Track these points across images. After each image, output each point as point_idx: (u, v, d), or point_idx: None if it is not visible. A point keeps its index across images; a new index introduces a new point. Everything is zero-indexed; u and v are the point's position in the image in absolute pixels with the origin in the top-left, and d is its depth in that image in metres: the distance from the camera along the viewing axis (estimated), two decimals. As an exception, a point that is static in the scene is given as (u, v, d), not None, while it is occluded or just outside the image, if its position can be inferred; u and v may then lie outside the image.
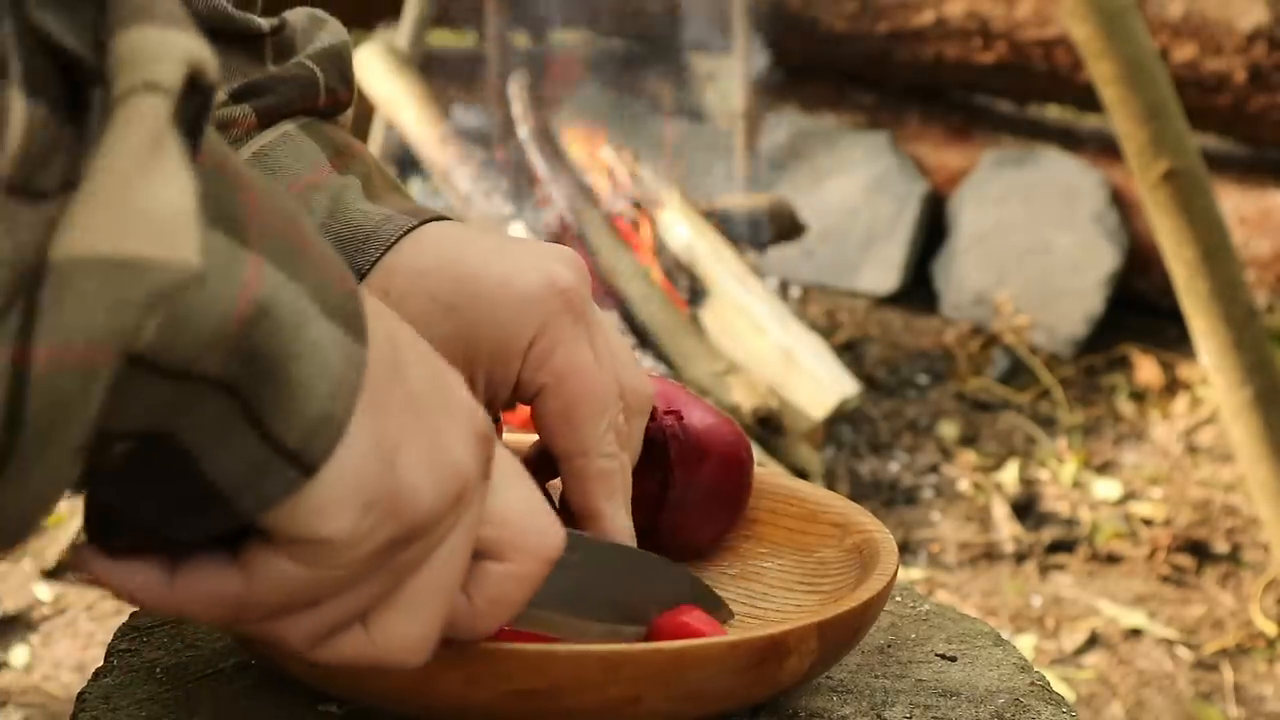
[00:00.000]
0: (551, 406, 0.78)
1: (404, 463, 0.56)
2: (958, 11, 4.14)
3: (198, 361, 0.49)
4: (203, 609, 0.56)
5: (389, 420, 0.56)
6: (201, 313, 0.48)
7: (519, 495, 0.63)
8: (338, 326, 0.53)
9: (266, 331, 0.51)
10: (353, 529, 0.54)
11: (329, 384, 0.53)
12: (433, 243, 0.79)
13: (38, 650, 2.67)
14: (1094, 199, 4.09)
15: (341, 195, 0.80)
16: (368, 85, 3.69)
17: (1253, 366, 2.58)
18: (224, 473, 0.52)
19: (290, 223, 0.54)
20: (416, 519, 0.57)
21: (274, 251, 0.51)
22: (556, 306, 0.77)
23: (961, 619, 0.86)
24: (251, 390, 0.51)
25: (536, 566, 0.63)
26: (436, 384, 0.59)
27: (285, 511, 0.53)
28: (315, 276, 0.53)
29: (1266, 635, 2.88)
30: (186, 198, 0.47)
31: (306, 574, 0.55)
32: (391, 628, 0.59)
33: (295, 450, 0.52)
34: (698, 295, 3.29)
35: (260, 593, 0.56)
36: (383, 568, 0.57)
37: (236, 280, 0.49)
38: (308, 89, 0.84)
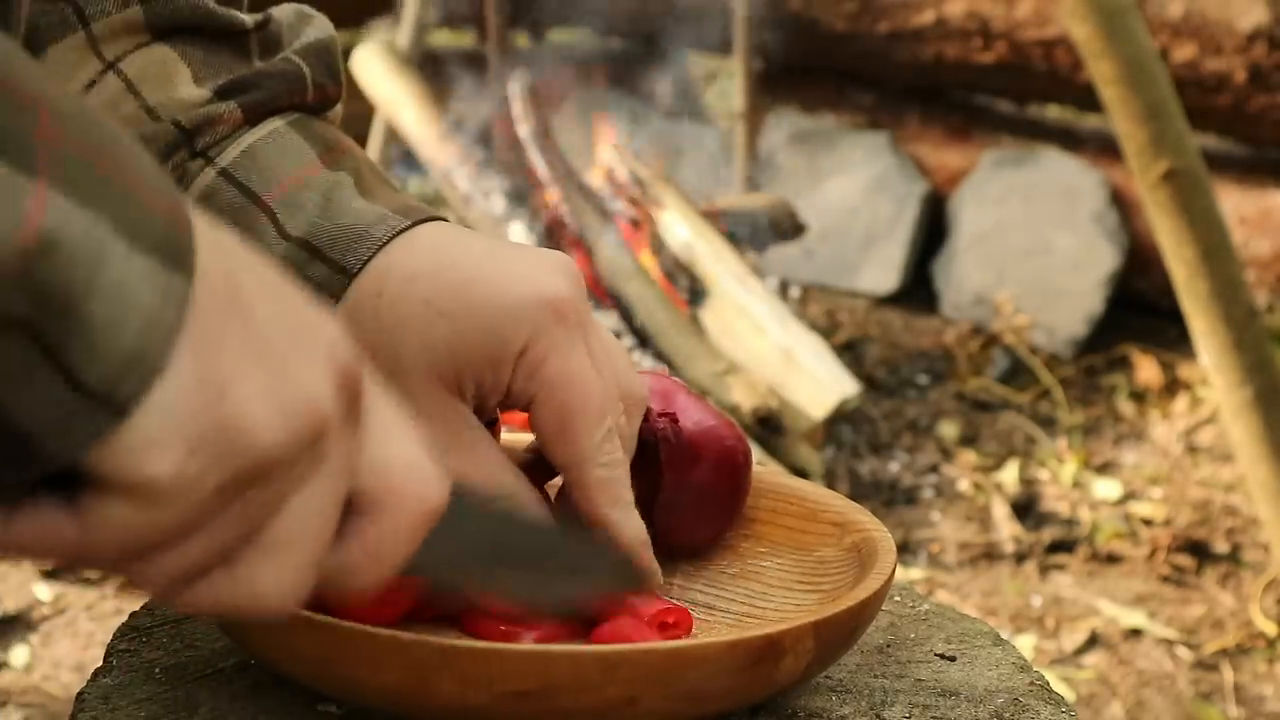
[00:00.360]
0: (544, 416, 0.77)
1: (240, 398, 0.53)
2: (958, 11, 4.14)
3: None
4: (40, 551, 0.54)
5: (222, 355, 0.53)
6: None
7: (397, 444, 0.61)
8: (152, 259, 0.50)
9: (57, 265, 0.48)
10: (179, 468, 0.52)
11: (137, 320, 0.50)
12: (427, 245, 0.79)
13: (37, 650, 2.67)
14: (1094, 199, 4.09)
15: (334, 192, 0.80)
16: (368, 85, 3.69)
17: (1253, 366, 2.58)
18: (30, 416, 0.49)
19: (98, 149, 0.51)
20: (259, 456, 0.54)
21: (70, 180, 0.49)
22: (548, 316, 0.76)
23: (961, 619, 0.86)
24: (49, 329, 0.48)
25: (415, 517, 0.60)
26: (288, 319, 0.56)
27: (104, 454, 0.51)
28: (125, 206, 0.50)
29: (1266, 635, 2.88)
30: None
31: (142, 517, 0.53)
32: (255, 573, 0.56)
33: (103, 391, 0.50)
34: (698, 295, 3.29)
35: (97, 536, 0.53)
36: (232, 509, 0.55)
37: (16, 209, 0.47)
38: (295, 84, 0.84)
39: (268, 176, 0.80)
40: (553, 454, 0.79)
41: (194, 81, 0.81)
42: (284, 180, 0.80)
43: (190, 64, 0.82)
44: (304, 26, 0.87)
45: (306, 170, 0.81)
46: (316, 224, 0.79)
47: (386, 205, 0.80)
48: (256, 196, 0.80)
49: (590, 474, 0.78)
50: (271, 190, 0.80)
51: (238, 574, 0.56)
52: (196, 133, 0.81)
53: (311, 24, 0.87)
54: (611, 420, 0.78)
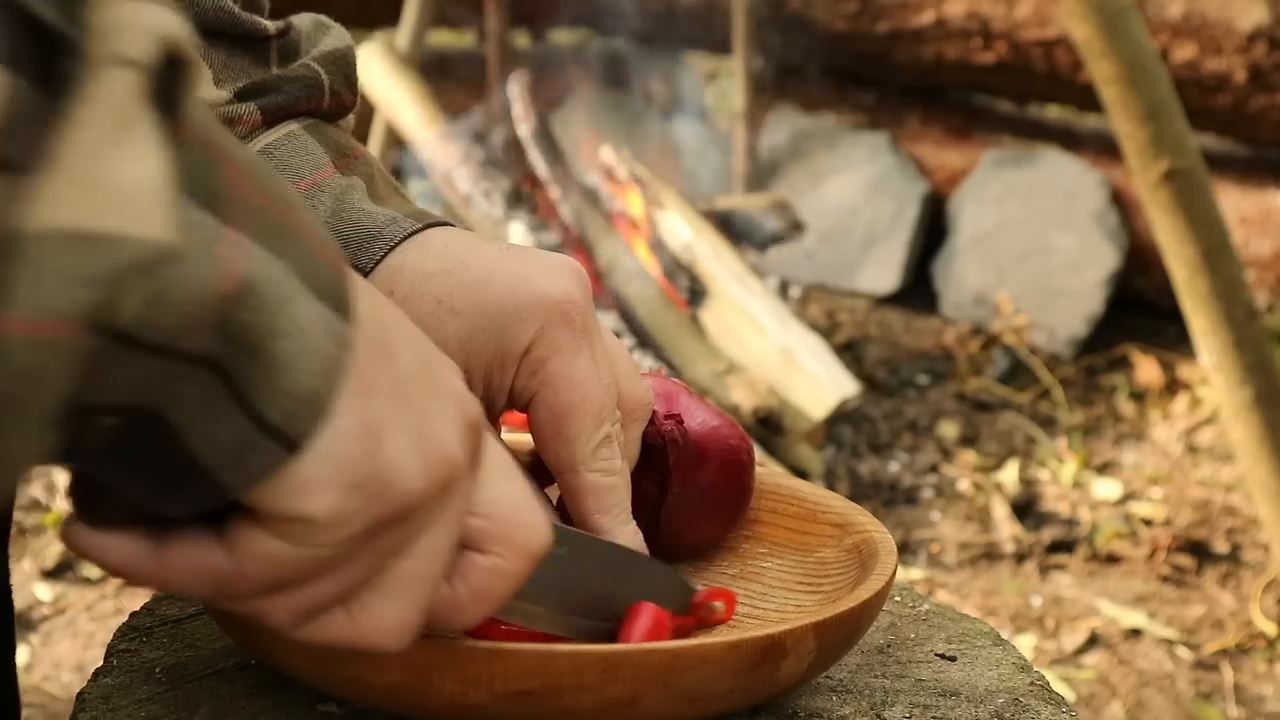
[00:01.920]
0: (542, 416, 0.78)
1: (391, 444, 0.56)
2: (958, 11, 4.14)
3: (181, 337, 0.49)
4: (188, 583, 0.57)
5: (376, 401, 0.56)
6: (183, 288, 0.48)
7: (509, 488, 0.63)
8: (324, 305, 0.53)
9: (250, 308, 0.51)
10: (337, 508, 0.55)
11: (314, 361, 0.53)
12: (438, 247, 0.80)
13: (38, 650, 2.67)
14: (1094, 199, 4.09)
15: (345, 195, 0.81)
16: (368, 85, 3.69)
17: (1253, 366, 2.58)
18: (208, 449, 0.52)
19: (278, 201, 0.54)
20: (402, 502, 0.57)
21: (259, 228, 0.51)
22: (555, 317, 0.77)
23: (961, 619, 0.86)
24: (236, 367, 0.51)
25: (522, 561, 0.63)
26: (426, 368, 0.59)
27: (270, 489, 0.54)
28: (302, 254, 0.53)
29: (1266, 635, 2.88)
30: (156, 174, 0.47)
31: (291, 552, 0.55)
32: (373, 610, 0.59)
33: (279, 427, 0.52)
34: (698, 295, 3.29)
35: (245, 569, 0.56)
36: (367, 550, 0.57)
37: (217, 256, 0.50)
38: (313, 90, 0.84)
39: (283, 177, 0.81)
40: (547, 455, 0.79)
41: (214, 83, 0.82)
42: (299, 182, 0.81)
43: (211, 65, 0.83)
44: (321, 35, 0.87)
45: (321, 174, 0.81)
46: (329, 225, 0.80)
47: (398, 210, 0.81)
48: None
49: (584, 478, 0.78)
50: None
51: (355, 611, 0.59)
52: None
53: (329, 33, 0.88)
54: (609, 427, 0.78)
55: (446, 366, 0.61)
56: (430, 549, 0.59)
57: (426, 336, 0.62)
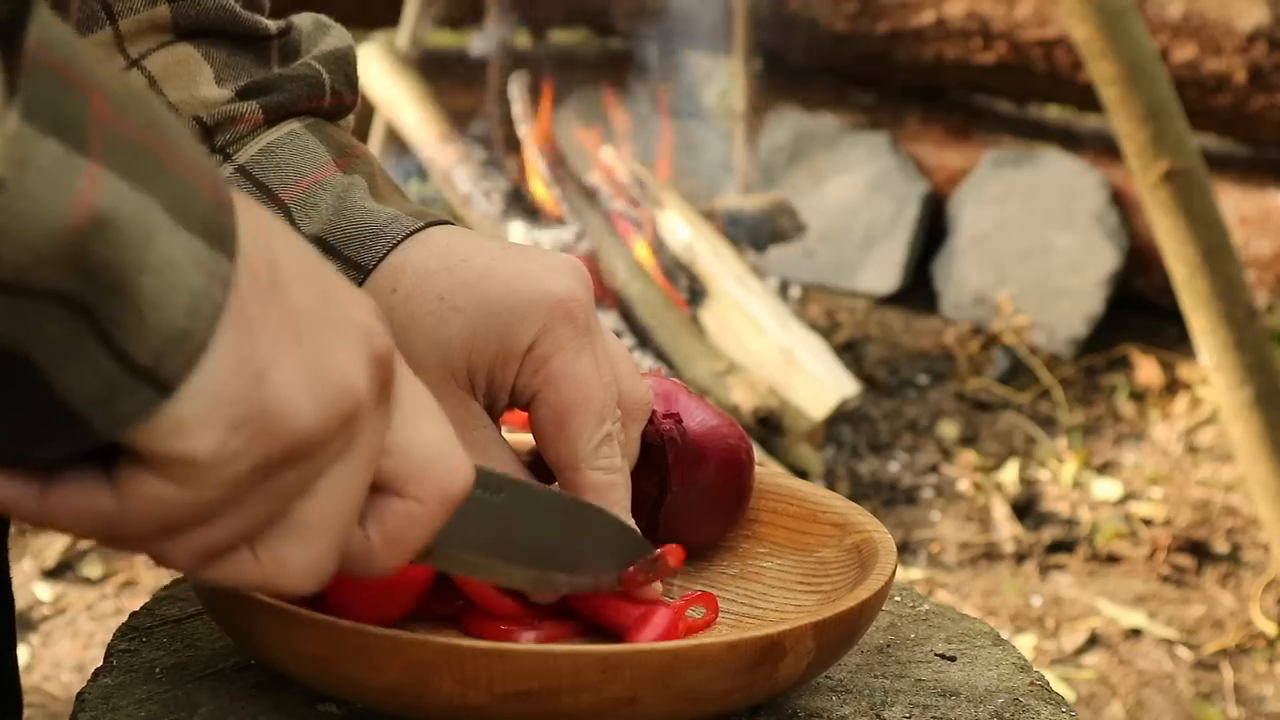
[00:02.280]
0: (543, 414, 0.78)
1: (278, 379, 0.54)
2: (958, 11, 4.14)
3: (30, 273, 0.47)
4: (75, 525, 0.55)
5: (260, 335, 0.53)
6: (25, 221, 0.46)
7: (426, 428, 0.61)
8: (199, 239, 0.51)
9: (108, 242, 0.49)
10: (219, 447, 0.53)
11: (184, 298, 0.51)
12: (440, 245, 0.80)
13: (38, 650, 2.67)
14: (1094, 199, 4.09)
15: (347, 193, 0.81)
16: (368, 85, 3.69)
17: (1253, 366, 2.58)
18: (76, 391, 0.50)
19: (149, 130, 0.51)
20: (295, 438, 0.55)
21: (121, 160, 0.49)
22: (558, 315, 0.77)
23: (961, 619, 0.86)
24: (98, 305, 0.49)
25: (439, 505, 0.61)
26: (324, 302, 0.57)
27: (146, 430, 0.52)
28: (174, 186, 0.51)
29: (1266, 635, 2.88)
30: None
31: (179, 493, 0.54)
32: (280, 553, 0.57)
33: (148, 368, 0.51)
34: (698, 295, 3.29)
35: (132, 511, 0.54)
36: (264, 488, 0.55)
37: (69, 188, 0.47)
38: (314, 89, 0.84)
39: (285, 175, 0.81)
40: (548, 453, 0.79)
41: (216, 82, 0.83)
42: (300, 180, 0.81)
43: (213, 64, 0.83)
44: (322, 35, 0.88)
45: (322, 172, 0.82)
46: (331, 222, 0.80)
47: (399, 208, 0.81)
48: (273, 194, 0.81)
49: (585, 476, 0.78)
50: (288, 188, 0.81)
51: (263, 552, 0.57)
52: (216, 129, 0.82)
53: (330, 33, 0.88)
54: (610, 426, 0.78)
55: (353, 300, 0.59)
56: (336, 489, 0.57)
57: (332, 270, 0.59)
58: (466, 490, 0.62)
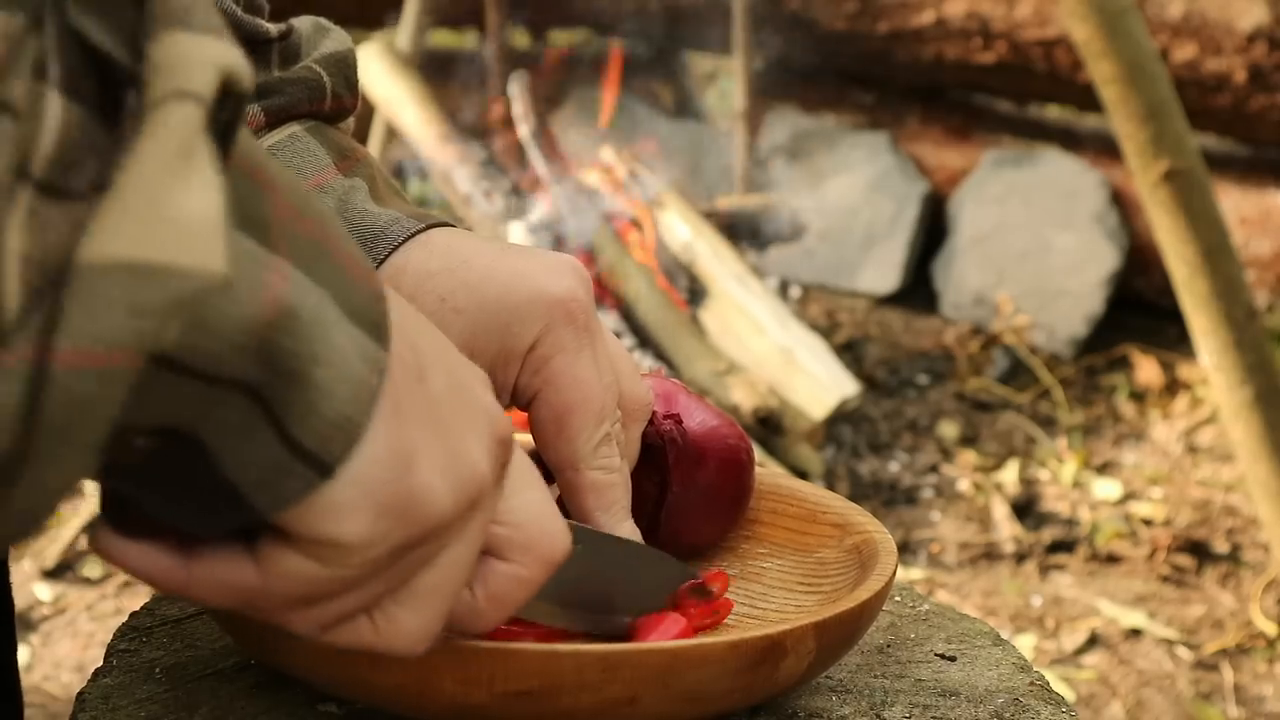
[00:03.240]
0: (544, 414, 0.78)
1: (421, 468, 0.56)
2: (958, 11, 4.14)
3: (222, 363, 0.49)
4: (216, 597, 0.57)
5: (408, 424, 0.56)
6: (227, 316, 0.49)
7: (531, 497, 0.64)
8: (360, 330, 0.54)
9: (290, 334, 0.51)
10: (367, 532, 0.55)
11: (349, 387, 0.53)
12: (441, 246, 0.80)
13: (38, 650, 2.67)
14: (1094, 199, 4.09)
15: (348, 197, 0.81)
16: (368, 85, 3.69)
17: (1253, 366, 2.58)
18: (242, 472, 0.52)
19: (318, 225, 0.54)
20: (431, 523, 0.57)
21: (299, 255, 0.52)
22: (559, 315, 0.77)
23: (961, 619, 0.86)
24: (273, 392, 0.51)
25: (541, 569, 0.64)
26: (457, 388, 0.60)
27: (301, 512, 0.54)
28: (340, 280, 0.54)
29: (1266, 635, 2.88)
30: (214, 206, 0.47)
31: (320, 572, 0.56)
32: (397, 619, 0.60)
33: (313, 452, 0.53)
34: (698, 295, 3.29)
35: (274, 586, 0.56)
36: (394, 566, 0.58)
37: (261, 283, 0.50)
38: (315, 92, 0.84)
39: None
40: (548, 453, 0.79)
41: None
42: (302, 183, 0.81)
43: None
44: (322, 38, 0.88)
45: (323, 175, 0.82)
46: None
47: (399, 211, 0.81)
48: None
49: (584, 476, 0.78)
50: None
51: (380, 618, 0.60)
52: None
53: (330, 36, 0.88)
54: (609, 426, 0.78)
55: (478, 382, 0.62)
56: (455, 562, 0.60)
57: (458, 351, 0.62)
58: (566, 555, 0.65)
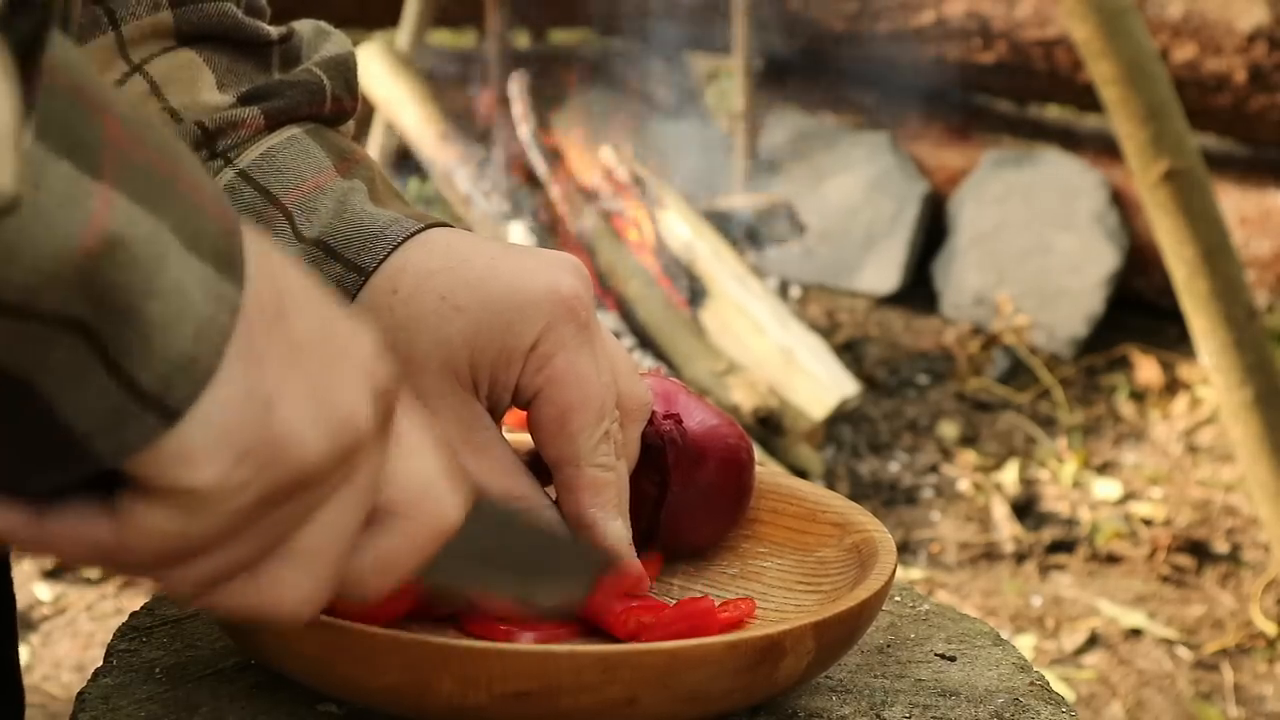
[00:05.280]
0: (546, 412, 0.78)
1: (285, 411, 0.53)
2: (958, 11, 4.14)
3: (38, 296, 0.46)
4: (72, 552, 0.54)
5: (268, 366, 0.53)
6: (36, 243, 0.46)
7: (421, 461, 0.61)
8: (208, 265, 0.51)
9: (119, 266, 0.48)
10: (224, 478, 0.52)
11: (192, 324, 0.50)
12: (441, 246, 0.80)
13: (38, 650, 2.67)
14: (1094, 199, 4.09)
15: (347, 198, 0.81)
16: (368, 85, 3.69)
17: (1253, 366, 2.58)
18: (80, 418, 0.49)
19: (162, 155, 0.51)
20: (300, 470, 0.54)
21: (134, 183, 0.49)
22: (560, 312, 0.77)
23: (961, 619, 0.86)
24: (105, 330, 0.48)
25: (429, 535, 0.61)
26: (329, 332, 0.57)
27: (149, 459, 0.51)
28: (186, 212, 0.50)
29: (1266, 635, 2.88)
30: (5, 118, 0.43)
31: (181, 524, 0.53)
32: (279, 581, 0.57)
33: (155, 395, 0.50)
34: (698, 295, 3.29)
35: (132, 541, 0.53)
36: (267, 519, 0.55)
37: (82, 210, 0.47)
38: (315, 95, 0.85)
39: (286, 180, 0.81)
40: (548, 451, 0.79)
41: (217, 87, 0.83)
42: (302, 184, 0.81)
43: (215, 70, 0.83)
44: (322, 41, 0.88)
45: (323, 177, 0.82)
46: (332, 225, 0.80)
47: (399, 212, 0.81)
48: (275, 198, 0.81)
49: (583, 473, 0.78)
50: (289, 193, 0.81)
51: (261, 581, 0.57)
52: (218, 135, 0.82)
53: (330, 39, 0.88)
54: (608, 424, 0.78)
55: (357, 332, 0.59)
56: (336, 519, 0.57)
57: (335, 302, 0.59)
58: (458, 523, 0.62)
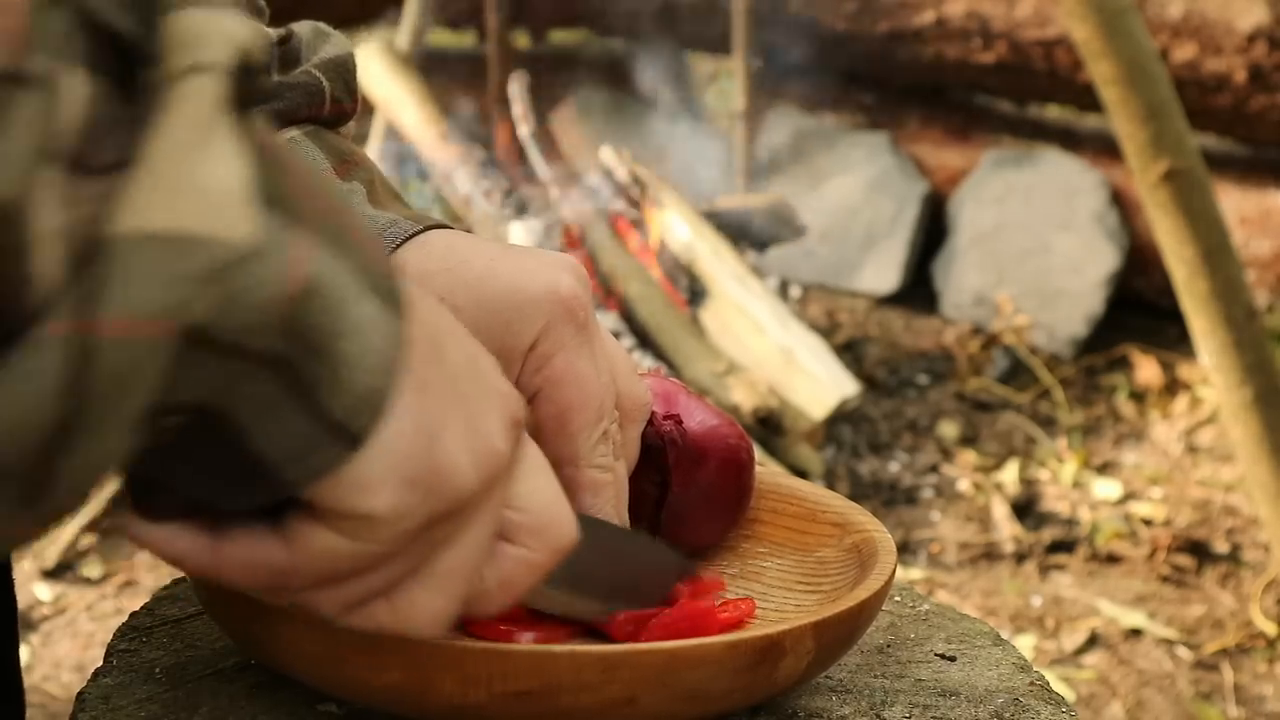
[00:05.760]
0: (546, 412, 0.78)
1: (445, 441, 0.57)
2: (958, 11, 4.14)
3: (250, 337, 0.50)
4: (245, 576, 0.58)
5: (430, 398, 0.57)
6: (255, 289, 0.49)
7: (541, 482, 0.65)
8: (381, 304, 0.54)
9: (316, 308, 0.52)
10: (395, 504, 0.56)
11: (375, 360, 0.54)
12: (439, 247, 0.80)
13: (38, 650, 2.67)
14: (1094, 199, 4.09)
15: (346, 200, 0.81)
16: (368, 85, 3.69)
17: (1253, 366, 2.58)
18: (272, 446, 0.53)
19: (334, 202, 0.55)
20: (456, 498, 0.58)
21: (320, 230, 0.53)
22: (559, 312, 0.77)
23: (961, 619, 0.86)
24: (301, 365, 0.52)
25: (549, 554, 0.64)
26: (474, 365, 0.61)
27: (330, 485, 0.55)
28: (358, 254, 0.54)
29: (1266, 635, 2.88)
30: (239, 176, 0.48)
31: (348, 547, 0.57)
32: (417, 601, 0.60)
33: (342, 424, 0.53)
34: (698, 295, 3.29)
35: (303, 563, 0.57)
36: (420, 543, 0.58)
37: (287, 256, 0.51)
38: (314, 97, 0.85)
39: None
40: (547, 451, 0.78)
41: None
42: None
43: None
44: (322, 43, 0.88)
45: None
46: None
47: (397, 214, 0.81)
48: None
49: (583, 473, 0.78)
50: None
51: (398, 601, 0.60)
52: None
53: (329, 41, 0.88)
54: (607, 424, 0.78)
55: (491, 363, 0.63)
56: (473, 543, 0.61)
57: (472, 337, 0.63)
58: (574, 541, 0.65)
